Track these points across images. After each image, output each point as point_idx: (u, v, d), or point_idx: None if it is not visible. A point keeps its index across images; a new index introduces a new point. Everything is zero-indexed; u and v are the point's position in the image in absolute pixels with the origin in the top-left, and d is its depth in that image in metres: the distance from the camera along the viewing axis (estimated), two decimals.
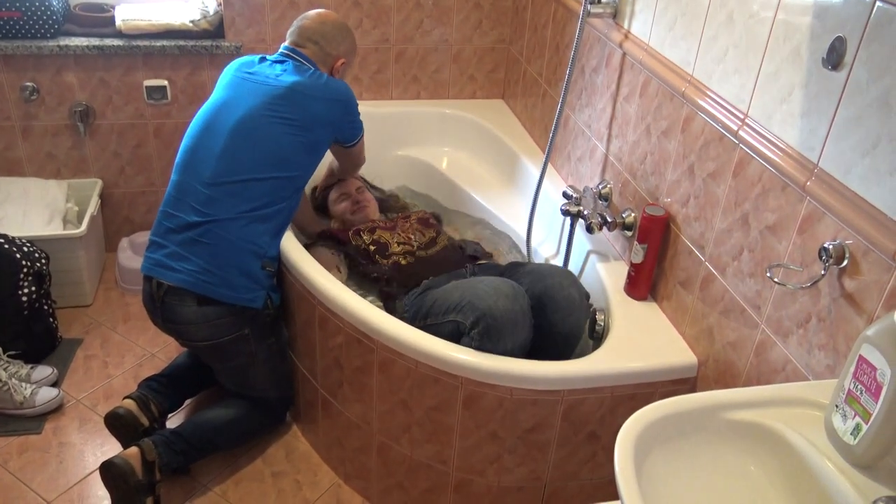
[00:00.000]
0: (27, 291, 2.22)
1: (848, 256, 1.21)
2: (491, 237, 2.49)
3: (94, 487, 1.96)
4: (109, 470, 1.79)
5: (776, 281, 1.33)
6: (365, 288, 2.15)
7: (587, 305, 1.83)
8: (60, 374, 2.29)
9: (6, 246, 2.20)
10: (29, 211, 2.49)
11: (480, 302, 1.67)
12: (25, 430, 2.11)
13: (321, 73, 2.04)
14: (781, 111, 1.37)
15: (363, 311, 1.75)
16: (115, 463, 1.78)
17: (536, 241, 2.31)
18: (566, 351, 1.82)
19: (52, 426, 2.14)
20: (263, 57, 2.06)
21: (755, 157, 1.44)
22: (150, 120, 2.69)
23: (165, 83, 2.63)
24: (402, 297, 1.99)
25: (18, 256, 2.21)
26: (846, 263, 1.21)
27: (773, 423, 1.08)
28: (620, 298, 1.86)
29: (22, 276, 2.21)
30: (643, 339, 1.73)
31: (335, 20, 2.13)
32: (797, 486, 1.05)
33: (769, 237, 1.41)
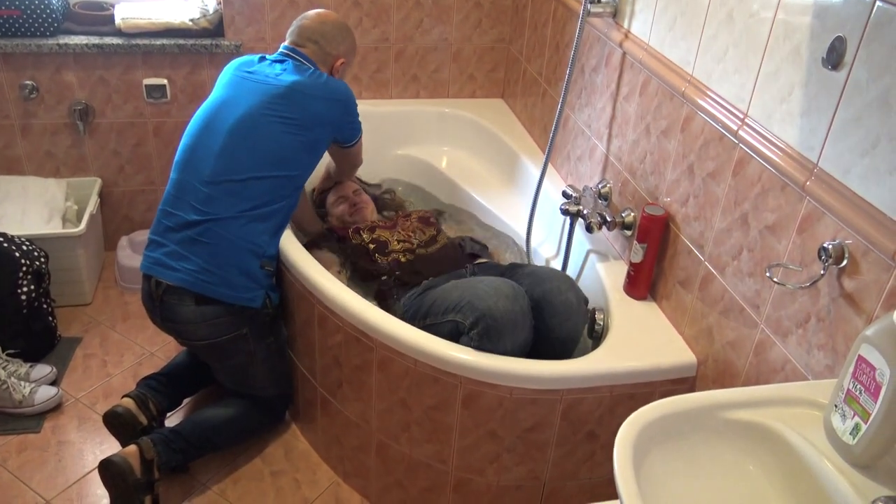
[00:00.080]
0: (26, 290, 2.22)
1: (847, 256, 1.21)
2: (491, 238, 2.49)
3: (92, 486, 1.96)
4: (108, 468, 1.79)
5: (775, 281, 1.33)
6: (365, 288, 2.15)
7: (585, 310, 1.82)
8: (59, 372, 2.29)
9: (5, 244, 2.20)
10: (28, 209, 2.49)
11: (480, 302, 1.66)
12: (24, 428, 2.11)
13: (321, 72, 2.04)
14: (781, 111, 1.37)
15: (362, 310, 1.75)
16: (113, 461, 1.78)
17: (536, 240, 2.31)
18: (563, 355, 1.81)
19: (50, 425, 2.14)
20: (263, 56, 2.06)
21: (755, 156, 1.44)
22: (149, 119, 2.69)
23: (165, 82, 2.62)
24: (400, 296, 1.99)
25: (17, 255, 2.21)
26: (845, 263, 1.21)
27: (772, 422, 1.08)
28: (620, 298, 1.86)
29: (21, 274, 2.20)
30: (642, 338, 1.73)
31: (335, 20, 2.13)
32: (796, 485, 1.05)
33: (769, 237, 1.41)
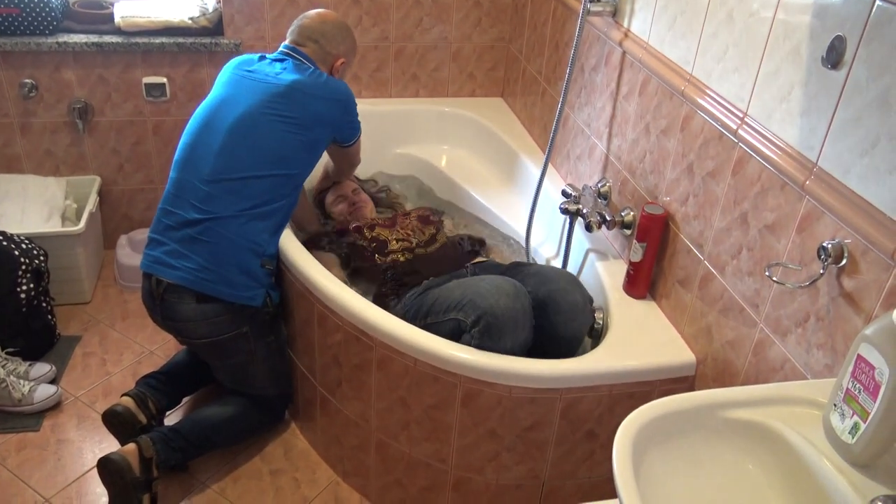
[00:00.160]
0: (25, 288, 2.22)
1: (847, 255, 1.21)
2: (488, 236, 2.49)
3: (92, 484, 1.96)
4: (107, 466, 1.79)
5: (775, 280, 1.33)
6: (364, 287, 2.15)
7: (591, 310, 1.82)
8: (59, 371, 2.29)
9: (4, 243, 2.20)
10: (27, 208, 2.49)
11: (482, 300, 1.66)
12: (24, 427, 2.11)
13: (321, 72, 2.03)
14: (781, 110, 1.37)
15: (362, 308, 1.75)
16: (112, 460, 1.78)
17: (536, 239, 2.31)
18: (568, 354, 1.80)
19: (50, 423, 2.14)
20: (263, 55, 2.06)
21: (754, 155, 1.44)
22: (148, 117, 2.69)
23: (164, 80, 2.62)
24: (400, 296, 1.98)
25: (17, 253, 2.21)
26: (845, 262, 1.21)
27: (771, 421, 1.08)
28: (619, 297, 1.86)
29: (20, 273, 2.20)
30: (642, 337, 1.73)
31: (335, 20, 2.12)
32: (795, 484, 1.05)
33: (768, 236, 1.41)
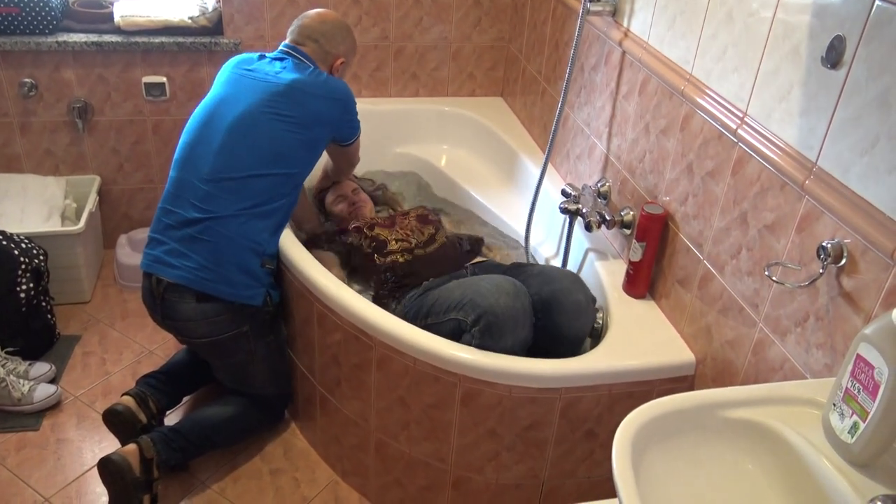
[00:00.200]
0: (25, 288, 2.22)
1: (846, 255, 1.21)
2: (487, 235, 2.49)
3: (91, 484, 1.96)
4: (107, 467, 1.79)
5: (774, 280, 1.33)
6: (363, 287, 2.15)
7: (594, 310, 1.82)
8: (58, 370, 2.29)
9: (4, 242, 2.20)
10: (27, 207, 2.49)
11: (482, 299, 1.66)
12: (23, 426, 2.11)
13: (321, 71, 2.03)
14: (780, 110, 1.37)
15: (361, 308, 1.75)
16: (112, 460, 1.78)
17: (535, 239, 2.31)
18: (570, 354, 1.80)
19: (49, 423, 2.14)
20: (262, 54, 2.06)
21: (754, 155, 1.44)
22: (148, 116, 2.69)
23: (164, 80, 2.62)
24: (400, 298, 1.98)
25: (17, 253, 2.20)
26: (844, 262, 1.21)
27: (770, 421, 1.09)
28: (619, 296, 1.86)
29: (20, 272, 2.20)
30: (641, 337, 1.73)
31: (336, 19, 2.12)
32: (795, 484, 1.05)
33: (768, 236, 1.41)
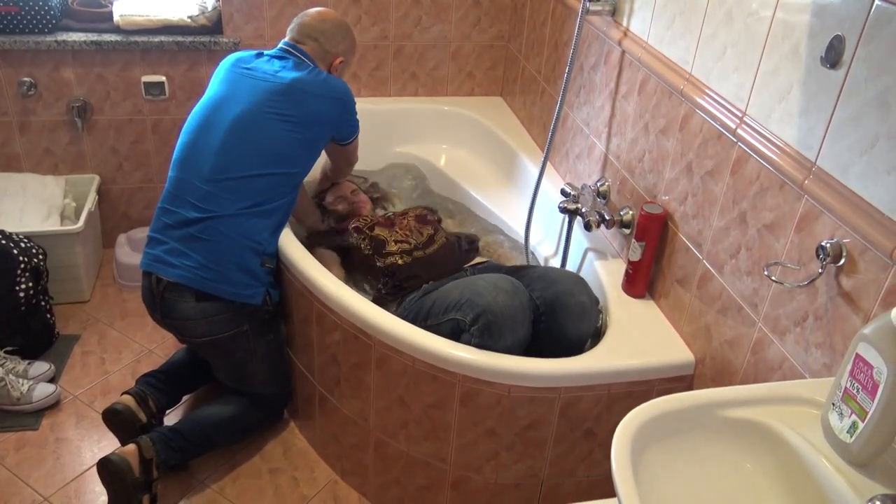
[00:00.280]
0: (24, 287, 2.22)
1: (845, 255, 1.21)
2: (489, 235, 2.49)
3: (91, 483, 1.96)
4: (106, 467, 1.79)
5: (773, 279, 1.33)
6: (363, 287, 2.15)
7: (597, 311, 1.81)
8: (58, 370, 2.29)
9: (3, 242, 2.20)
10: (26, 207, 2.49)
11: (480, 298, 1.66)
12: (22, 425, 2.11)
13: (320, 70, 2.03)
14: (780, 109, 1.37)
15: (361, 307, 1.75)
16: (112, 460, 1.78)
17: (535, 238, 2.31)
18: (572, 356, 1.81)
19: (49, 422, 2.14)
20: (261, 52, 2.05)
21: (753, 155, 1.44)
22: (147, 116, 2.69)
23: (163, 79, 2.62)
24: (400, 301, 1.98)
25: (16, 252, 2.20)
26: (843, 262, 1.22)
27: (769, 421, 1.09)
28: (618, 296, 1.86)
29: (19, 271, 2.20)
30: (640, 336, 1.73)
31: (335, 18, 2.12)
32: (794, 483, 1.05)
33: (767, 235, 1.41)
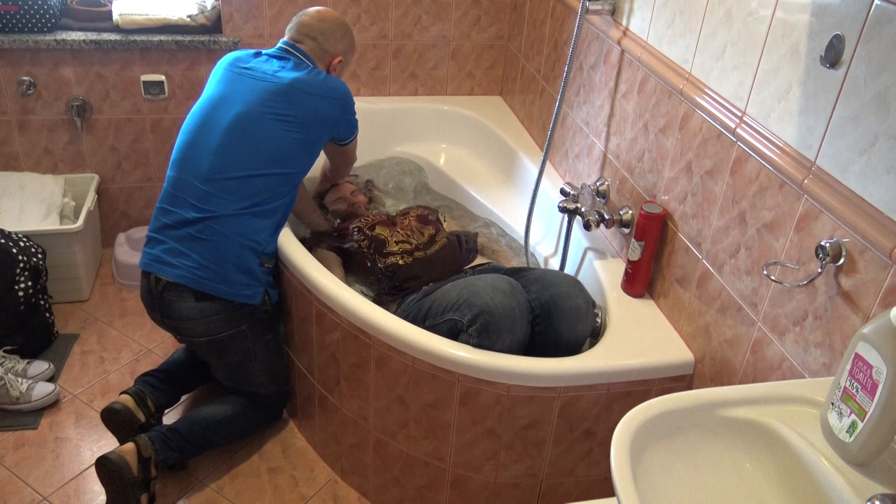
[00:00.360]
0: (24, 286, 2.22)
1: (845, 254, 1.21)
2: (491, 235, 2.49)
3: (90, 483, 1.96)
4: (105, 466, 1.79)
5: (773, 279, 1.33)
6: (363, 288, 2.15)
7: (594, 314, 1.81)
8: (57, 369, 2.29)
9: (2, 241, 2.20)
10: (25, 206, 2.49)
11: (477, 299, 1.66)
12: (21, 425, 2.11)
13: (319, 70, 2.03)
14: (779, 109, 1.37)
15: (360, 307, 1.75)
16: (110, 459, 1.78)
17: (534, 238, 2.31)
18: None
19: (48, 421, 2.13)
20: (259, 52, 2.05)
21: (753, 154, 1.44)
22: (147, 115, 2.68)
23: (163, 78, 2.62)
24: (401, 302, 1.98)
25: (15, 251, 2.20)
26: (843, 261, 1.22)
27: (769, 420, 1.09)
28: (617, 295, 1.86)
29: (18, 271, 2.20)
30: (640, 336, 1.73)
31: (335, 18, 2.12)
32: (793, 483, 1.05)
33: (766, 235, 1.41)
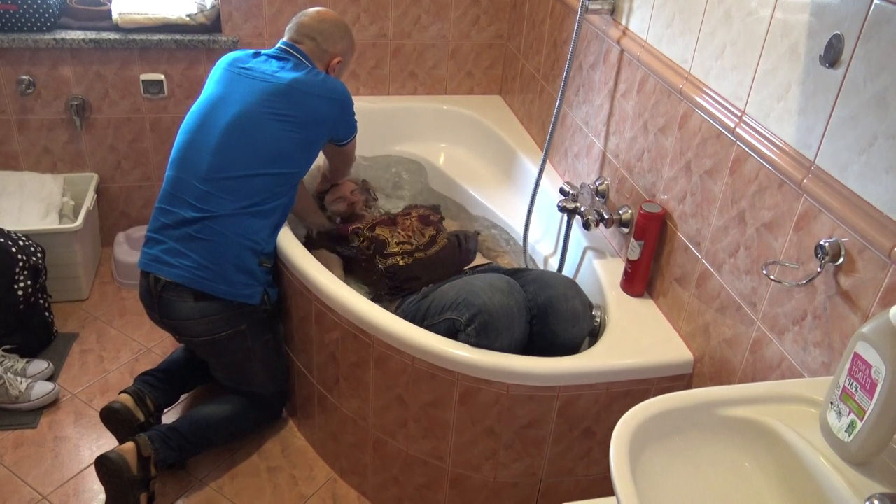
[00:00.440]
0: (23, 286, 2.22)
1: (844, 254, 1.21)
2: (492, 235, 2.49)
3: (89, 482, 1.96)
4: (104, 465, 1.79)
5: (772, 278, 1.33)
6: (362, 288, 2.15)
7: (591, 316, 1.81)
8: (56, 368, 2.29)
9: (2, 240, 2.20)
10: (25, 205, 2.49)
11: (476, 298, 1.66)
12: (21, 424, 2.11)
13: (318, 70, 2.03)
14: (778, 108, 1.37)
15: (360, 306, 1.75)
16: (109, 458, 1.78)
17: (533, 237, 2.31)
18: None
19: (47, 420, 2.13)
20: (258, 52, 2.05)
21: (752, 154, 1.44)
22: (146, 114, 2.68)
23: (162, 77, 2.62)
24: (401, 303, 1.98)
25: (14, 251, 2.20)
26: (842, 261, 1.22)
27: (768, 419, 1.09)
28: (617, 295, 1.86)
29: (18, 270, 2.20)
30: (639, 335, 1.73)
31: (334, 18, 2.12)
32: (792, 482, 1.05)
33: (765, 234, 1.41)
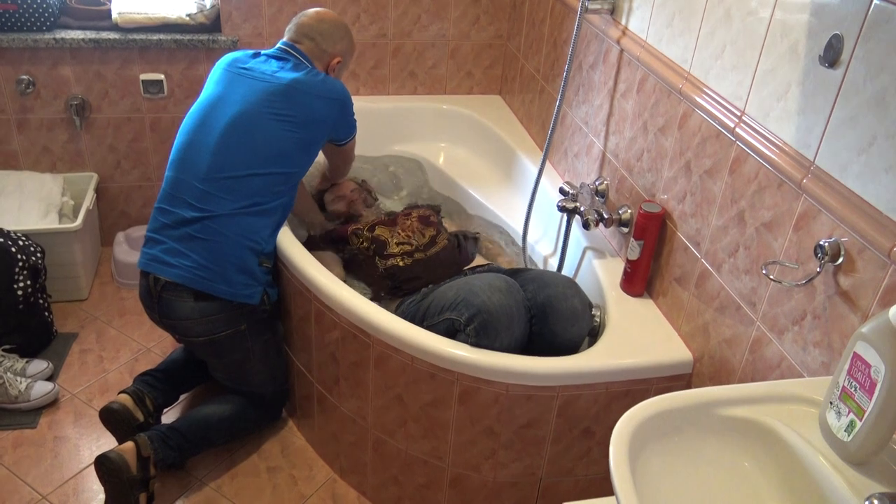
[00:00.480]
0: (22, 285, 2.22)
1: (843, 254, 1.21)
2: (492, 236, 2.49)
3: (88, 482, 1.96)
4: (104, 465, 1.79)
5: (772, 278, 1.33)
6: (362, 288, 2.15)
7: (590, 315, 1.81)
8: (56, 368, 2.29)
9: (1, 240, 2.20)
10: (24, 205, 2.48)
11: (475, 298, 1.66)
12: (20, 424, 2.11)
13: (318, 70, 2.03)
14: (778, 108, 1.37)
15: (359, 306, 1.75)
16: (109, 458, 1.78)
17: (533, 237, 2.31)
18: None
19: (47, 420, 2.13)
20: (257, 52, 2.05)
21: (752, 154, 1.44)
22: (146, 114, 2.68)
23: (162, 77, 2.62)
24: (401, 303, 1.97)
25: (14, 250, 2.20)
26: (842, 261, 1.22)
27: (767, 419, 1.09)
28: (616, 295, 1.86)
29: (17, 269, 2.20)
30: (639, 335, 1.73)
31: (334, 19, 2.12)
32: (791, 482, 1.05)
33: (765, 234, 1.41)
